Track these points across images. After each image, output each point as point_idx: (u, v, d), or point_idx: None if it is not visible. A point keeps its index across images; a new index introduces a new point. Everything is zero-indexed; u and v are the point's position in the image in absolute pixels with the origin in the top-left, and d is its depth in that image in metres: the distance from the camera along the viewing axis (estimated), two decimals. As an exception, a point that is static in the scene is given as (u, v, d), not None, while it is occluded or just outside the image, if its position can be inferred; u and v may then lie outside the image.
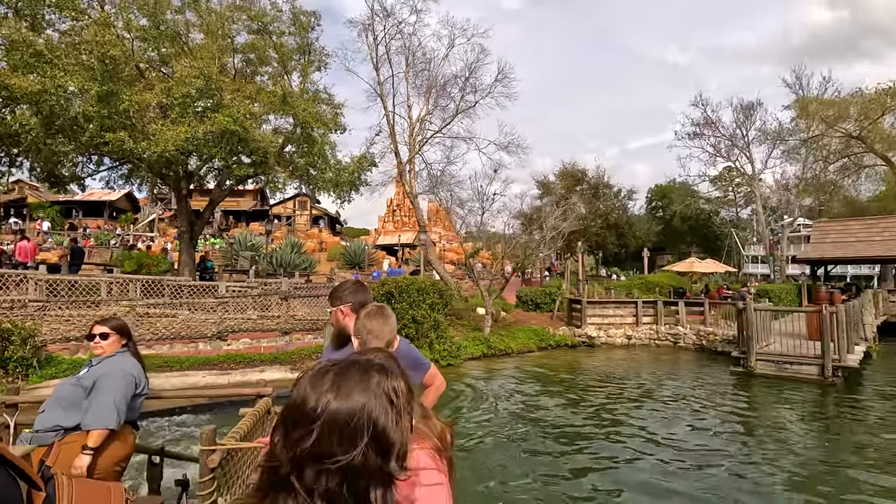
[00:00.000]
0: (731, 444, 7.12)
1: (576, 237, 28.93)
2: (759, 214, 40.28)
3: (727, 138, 38.76)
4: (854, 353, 11.65)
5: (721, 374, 11.86)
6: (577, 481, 5.73)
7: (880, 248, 21.76)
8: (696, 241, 75.65)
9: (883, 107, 29.50)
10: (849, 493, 5.44)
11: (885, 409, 9.07)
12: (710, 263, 25.56)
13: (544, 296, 19.29)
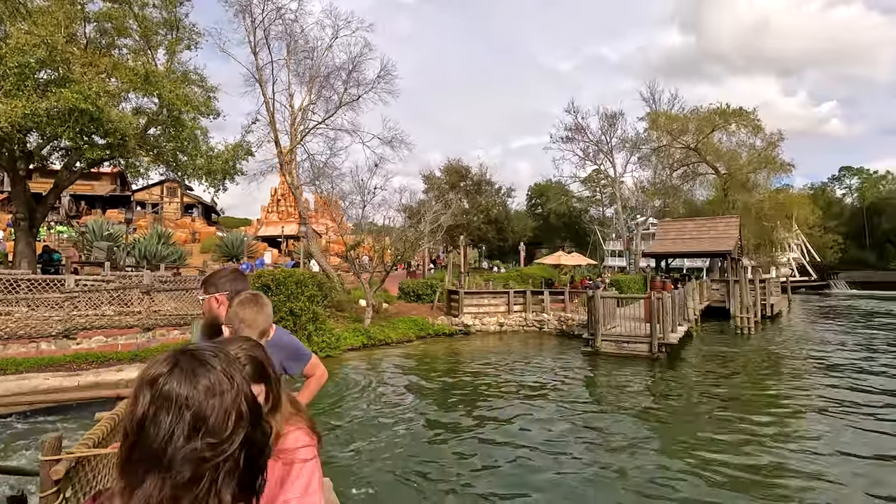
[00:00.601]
0: (577, 409, 8.27)
1: (459, 231, 30.27)
2: (619, 213, 45.25)
3: (594, 144, 42.93)
4: (676, 333, 13.88)
5: (574, 354, 13.44)
6: (444, 459, 6.31)
7: (708, 244, 25.85)
8: (569, 236, 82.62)
9: (713, 124, 34.85)
10: (661, 434, 6.71)
11: (692, 375, 11.07)
12: (575, 257, 28.34)
13: (426, 287, 20.05)
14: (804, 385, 10.31)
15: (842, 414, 7.89)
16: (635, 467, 5.76)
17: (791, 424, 7.54)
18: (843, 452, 6.16)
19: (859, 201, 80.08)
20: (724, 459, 5.95)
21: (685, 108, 38.82)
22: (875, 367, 12.00)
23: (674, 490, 5.17)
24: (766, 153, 33.67)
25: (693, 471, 5.64)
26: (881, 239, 73.60)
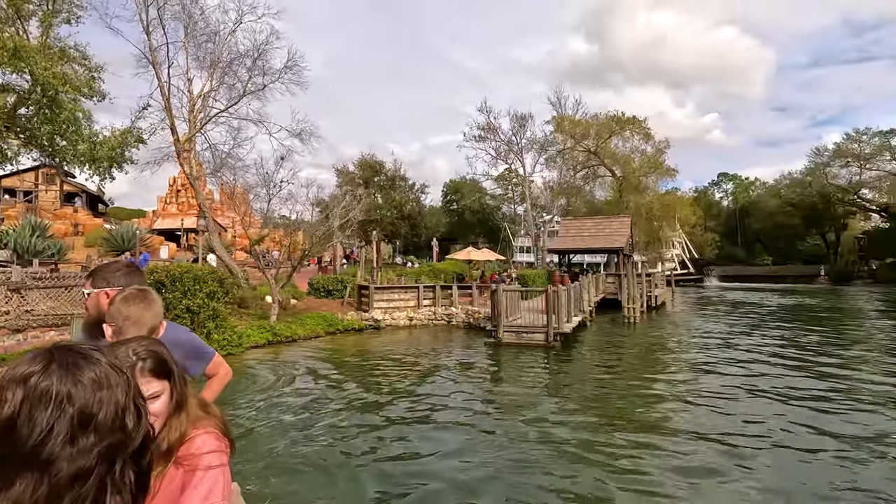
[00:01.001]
0: (479, 392, 8.78)
1: (372, 226, 30.22)
2: (528, 211, 47.48)
3: (506, 144, 44.69)
4: (571, 322, 15.03)
5: (479, 345, 14.09)
6: (350, 451, 6.44)
7: (604, 241, 27.97)
8: (482, 232, 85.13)
9: (610, 130, 37.69)
10: (550, 413, 7.35)
11: (581, 360, 12.11)
12: (485, 252, 29.44)
13: (336, 283, 19.89)
14: (678, 368, 11.68)
15: (705, 397, 9.10)
16: (521, 445, 6.31)
17: (661, 404, 8.57)
18: (703, 433, 7.15)
19: (733, 204, 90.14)
20: (592, 437, 6.68)
21: (588, 114, 41.77)
22: (738, 349, 13.84)
23: (547, 460, 5.77)
24: (654, 159, 37.11)
25: (565, 442, 6.30)
26: (751, 238, 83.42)
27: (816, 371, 10.67)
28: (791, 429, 6.85)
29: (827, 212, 62.05)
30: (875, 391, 8.92)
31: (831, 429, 6.81)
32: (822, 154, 57.72)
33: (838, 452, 6.01)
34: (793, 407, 7.93)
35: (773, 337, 16.08)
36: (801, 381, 9.78)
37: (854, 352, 13.23)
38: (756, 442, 6.34)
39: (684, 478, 5.28)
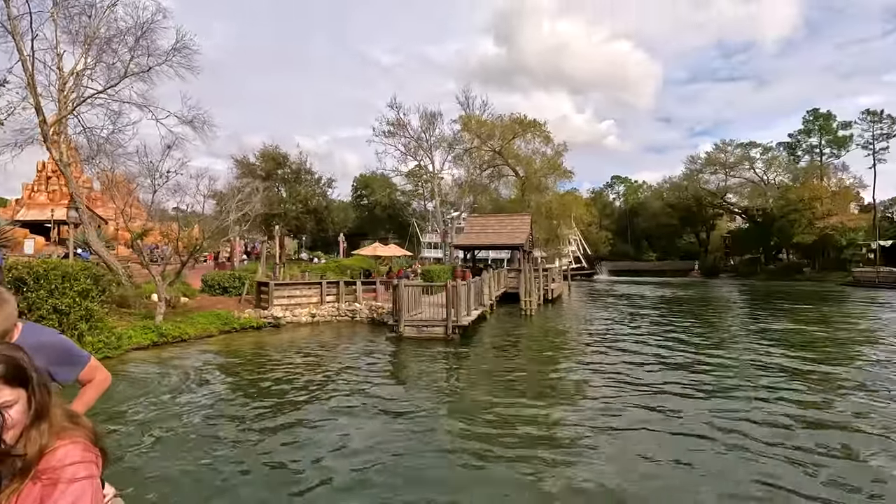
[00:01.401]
0: (379, 383, 8.93)
1: (275, 220, 29.11)
2: (437, 208, 48.27)
3: (415, 140, 45.02)
4: (470, 316, 15.69)
5: (381, 340, 14.25)
6: (240, 453, 6.28)
7: (505, 238, 29.26)
8: (393, 227, 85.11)
9: (514, 132, 39.43)
10: (450, 398, 7.70)
11: (477, 352, 12.73)
12: (392, 248, 29.61)
13: (233, 279, 18.99)
14: (564, 354, 12.69)
15: (588, 382, 10.01)
16: (419, 434, 6.60)
17: (551, 388, 9.31)
18: (602, 422, 7.91)
19: (624, 205, 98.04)
20: (487, 418, 7.17)
21: (494, 115, 43.36)
22: (621, 335, 15.28)
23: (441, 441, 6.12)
24: (553, 161, 39.49)
25: (461, 426, 6.70)
26: (639, 235, 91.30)
27: (687, 355, 12.15)
28: (662, 408, 7.82)
29: (700, 213, 69.90)
30: (735, 369, 10.40)
31: (706, 407, 7.89)
32: (696, 162, 64.84)
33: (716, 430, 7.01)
34: (668, 393, 9.02)
35: (650, 323, 17.97)
36: (675, 362, 11.11)
37: (718, 335, 15.21)
38: (622, 422, 7.19)
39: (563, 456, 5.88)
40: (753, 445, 5.93)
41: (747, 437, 6.23)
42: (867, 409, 7.45)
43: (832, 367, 10.54)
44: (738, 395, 8.34)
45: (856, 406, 7.69)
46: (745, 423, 6.77)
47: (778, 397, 8.09)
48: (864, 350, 12.89)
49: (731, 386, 9.02)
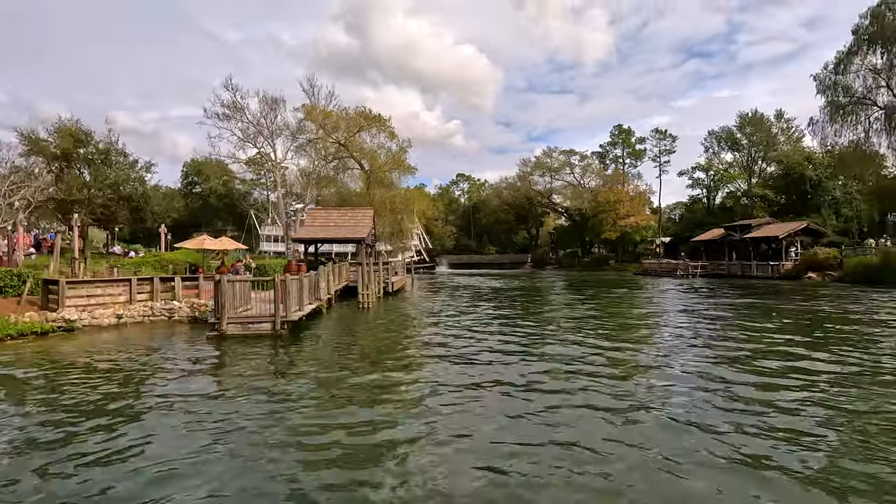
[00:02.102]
0: (200, 384, 8.29)
1: (76, 208, 24.91)
2: (280, 199, 46.00)
3: (255, 125, 42.19)
4: (303, 311, 15.42)
5: (202, 339, 13.25)
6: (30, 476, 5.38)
7: (347, 232, 29.14)
8: (232, 219, 78.71)
9: (359, 125, 39.31)
10: (281, 396, 7.48)
11: (308, 347, 12.61)
12: (225, 241, 27.42)
13: (11, 277, 15.89)
14: (400, 346, 13.19)
15: (421, 370, 10.54)
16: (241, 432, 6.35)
17: (379, 378, 9.63)
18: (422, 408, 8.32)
19: (468, 201, 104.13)
20: (308, 420, 7.19)
21: (340, 106, 42.63)
22: (455, 323, 16.33)
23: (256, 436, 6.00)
24: (398, 156, 40.35)
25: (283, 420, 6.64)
26: (481, 231, 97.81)
27: (517, 333, 13.49)
28: (495, 385, 8.63)
29: (531, 211, 77.60)
30: (558, 347, 11.86)
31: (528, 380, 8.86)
32: (527, 164, 71.74)
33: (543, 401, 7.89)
34: (501, 367, 9.94)
35: (484, 311, 19.55)
36: (508, 346, 12.27)
37: (544, 316, 17.14)
38: (449, 405, 7.81)
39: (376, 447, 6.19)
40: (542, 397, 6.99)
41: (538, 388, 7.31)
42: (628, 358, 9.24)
43: (612, 331, 12.76)
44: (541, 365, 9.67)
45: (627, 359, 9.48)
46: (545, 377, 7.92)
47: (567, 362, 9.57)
48: (633, 323, 15.78)
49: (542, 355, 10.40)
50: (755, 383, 8.32)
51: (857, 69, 29.56)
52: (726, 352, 11.14)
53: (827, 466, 5.10)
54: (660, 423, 6.49)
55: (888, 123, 28.67)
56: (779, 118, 55.95)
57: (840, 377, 8.65)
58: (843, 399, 7.35)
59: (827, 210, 46.83)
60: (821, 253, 37.16)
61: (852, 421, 6.43)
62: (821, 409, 6.89)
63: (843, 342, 12.06)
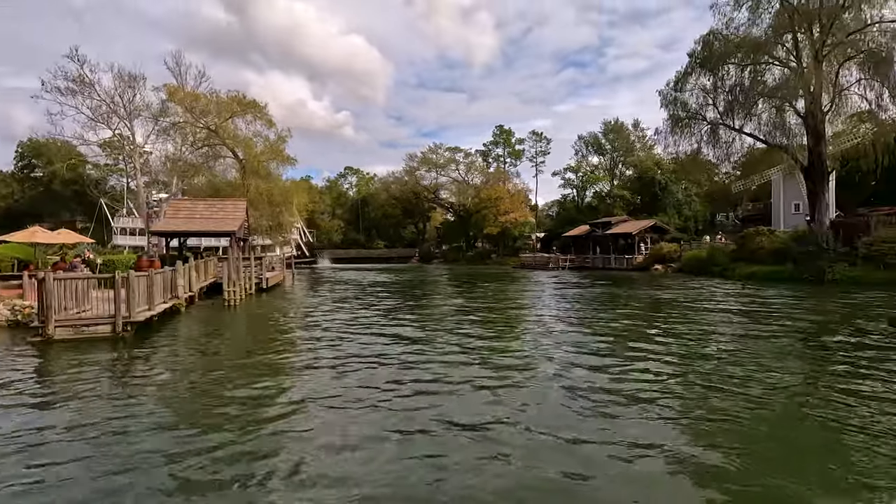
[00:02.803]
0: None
1: None
2: (140, 188, 41.47)
3: (108, 104, 37.50)
4: (153, 310, 14.13)
5: (23, 346, 11.58)
6: None
7: (215, 224, 27.15)
8: (82, 209, 69.33)
9: (231, 111, 36.78)
10: (96, 407, 6.69)
11: (152, 347, 11.60)
12: (63, 234, 24.11)
13: None
14: (259, 345, 12.62)
15: (281, 367, 10.14)
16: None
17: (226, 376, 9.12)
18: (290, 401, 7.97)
19: (357, 195, 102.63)
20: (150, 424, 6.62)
21: (212, 89, 39.37)
22: (331, 319, 15.98)
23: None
24: (275, 146, 38.42)
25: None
26: (370, 225, 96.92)
27: (391, 328, 13.53)
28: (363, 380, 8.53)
29: (418, 206, 78.59)
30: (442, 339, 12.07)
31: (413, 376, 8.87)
32: (414, 159, 72.59)
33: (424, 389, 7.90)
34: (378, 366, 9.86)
35: (362, 306, 19.42)
36: (383, 340, 12.24)
37: (425, 311, 17.42)
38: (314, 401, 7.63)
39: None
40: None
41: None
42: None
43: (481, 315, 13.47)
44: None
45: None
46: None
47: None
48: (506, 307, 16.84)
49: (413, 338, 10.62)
50: (604, 354, 9.38)
51: (692, 88, 34.15)
52: (578, 326, 12.36)
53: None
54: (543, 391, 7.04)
55: (713, 136, 33.64)
56: (636, 127, 62.82)
57: (667, 345, 10.07)
58: (664, 353, 8.58)
59: (671, 210, 53.60)
60: (665, 248, 42.50)
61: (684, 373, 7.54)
62: (650, 364, 7.98)
63: (669, 319, 14.01)
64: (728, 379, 7.88)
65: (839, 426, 5.81)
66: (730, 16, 31.52)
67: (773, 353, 9.85)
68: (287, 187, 39.80)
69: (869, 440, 5.35)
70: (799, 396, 7.06)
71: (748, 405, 6.59)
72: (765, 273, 29.87)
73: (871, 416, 6.12)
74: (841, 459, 4.94)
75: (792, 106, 30.40)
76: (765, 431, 5.78)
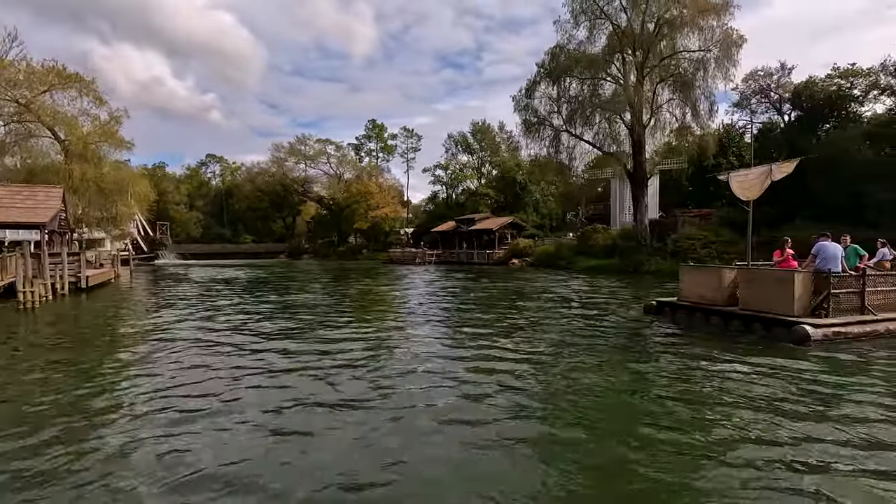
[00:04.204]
0: None
1: None
2: (-76, 168, 34.06)
3: None
4: None
5: None
6: None
7: (19, 214, 23.38)
8: None
9: (49, 84, 31.82)
10: None
11: None
12: None
13: None
14: (58, 347, 11.04)
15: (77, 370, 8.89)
16: None
17: None
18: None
19: (221, 185, 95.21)
20: None
21: (26, 56, 33.45)
22: (155, 318, 14.44)
23: None
24: (108, 127, 34.00)
25: None
26: (235, 218, 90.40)
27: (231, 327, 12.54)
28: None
29: (287, 199, 75.14)
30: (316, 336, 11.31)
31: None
32: (280, 150, 69.24)
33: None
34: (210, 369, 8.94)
35: (188, 306, 17.91)
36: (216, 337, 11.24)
37: (296, 310, 16.45)
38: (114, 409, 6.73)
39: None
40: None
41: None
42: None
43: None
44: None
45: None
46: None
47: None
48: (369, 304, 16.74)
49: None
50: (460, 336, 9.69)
51: (541, 96, 37.09)
52: (428, 314, 12.69)
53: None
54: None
55: (556, 142, 36.93)
56: (501, 129, 66.43)
57: (505, 326, 10.75)
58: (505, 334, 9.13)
59: (530, 208, 57.69)
60: (521, 243, 45.69)
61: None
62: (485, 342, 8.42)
63: (511, 306, 15.05)
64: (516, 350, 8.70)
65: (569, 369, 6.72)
66: (570, 32, 34.69)
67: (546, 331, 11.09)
68: (123, 175, 35.41)
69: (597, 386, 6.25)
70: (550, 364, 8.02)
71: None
72: (599, 266, 33.56)
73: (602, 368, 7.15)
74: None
75: (621, 118, 34.41)
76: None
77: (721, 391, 6.65)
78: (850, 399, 6.24)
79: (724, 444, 4.91)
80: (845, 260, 9.68)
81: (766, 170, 10.58)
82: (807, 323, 8.95)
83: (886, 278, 9.93)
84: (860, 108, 32.66)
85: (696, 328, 10.79)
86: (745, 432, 5.20)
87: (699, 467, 4.45)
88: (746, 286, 10.13)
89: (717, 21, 30.85)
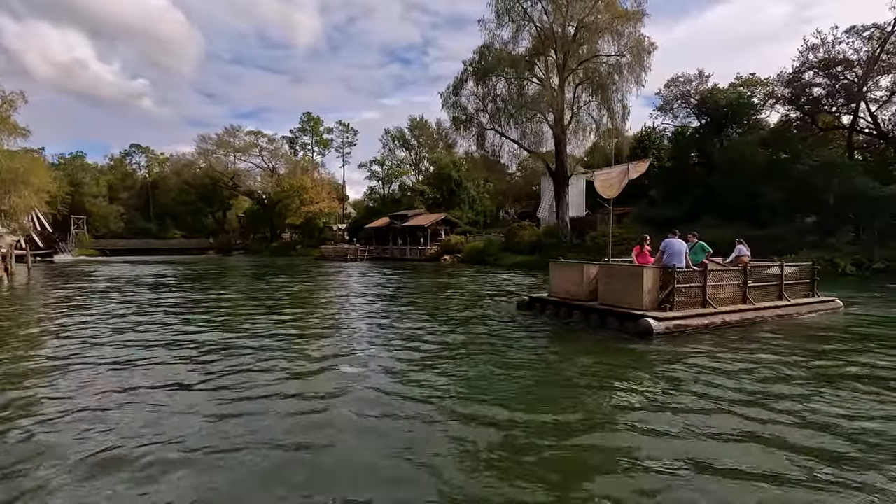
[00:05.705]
0: None
1: None
2: None
3: None
4: None
5: None
6: None
7: None
8: None
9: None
10: None
11: None
12: None
13: None
14: None
15: None
16: None
17: None
18: None
19: (147, 177, 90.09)
20: None
21: None
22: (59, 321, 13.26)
23: None
24: (0, 111, 31.24)
25: None
26: (163, 212, 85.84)
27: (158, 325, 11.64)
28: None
29: (216, 193, 72.02)
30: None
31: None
32: (207, 141, 66.25)
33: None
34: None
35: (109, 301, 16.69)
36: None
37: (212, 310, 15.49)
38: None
39: None
40: None
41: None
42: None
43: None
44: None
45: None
46: None
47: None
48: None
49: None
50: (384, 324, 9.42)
51: (468, 94, 37.44)
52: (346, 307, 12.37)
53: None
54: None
55: (482, 139, 37.44)
56: (438, 126, 66.54)
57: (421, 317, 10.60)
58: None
59: (465, 205, 58.19)
60: (453, 240, 46.01)
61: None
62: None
63: (431, 301, 15.00)
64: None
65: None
66: (494, 32, 35.13)
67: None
68: (17, 164, 32.64)
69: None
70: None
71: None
72: (524, 262, 34.29)
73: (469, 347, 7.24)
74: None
75: (545, 118, 35.27)
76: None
77: (547, 382, 6.90)
78: (670, 389, 6.64)
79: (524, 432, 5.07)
80: (690, 256, 10.32)
81: (625, 169, 11.12)
82: (651, 316, 9.46)
83: (725, 274, 10.69)
84: (758, 115, 35.12)
85: (559, 323, 11.18)
86: (548, 423, 5.40)
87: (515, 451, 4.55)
88: (605, 282, 10.60)
89: (631, 28, 32.20)
